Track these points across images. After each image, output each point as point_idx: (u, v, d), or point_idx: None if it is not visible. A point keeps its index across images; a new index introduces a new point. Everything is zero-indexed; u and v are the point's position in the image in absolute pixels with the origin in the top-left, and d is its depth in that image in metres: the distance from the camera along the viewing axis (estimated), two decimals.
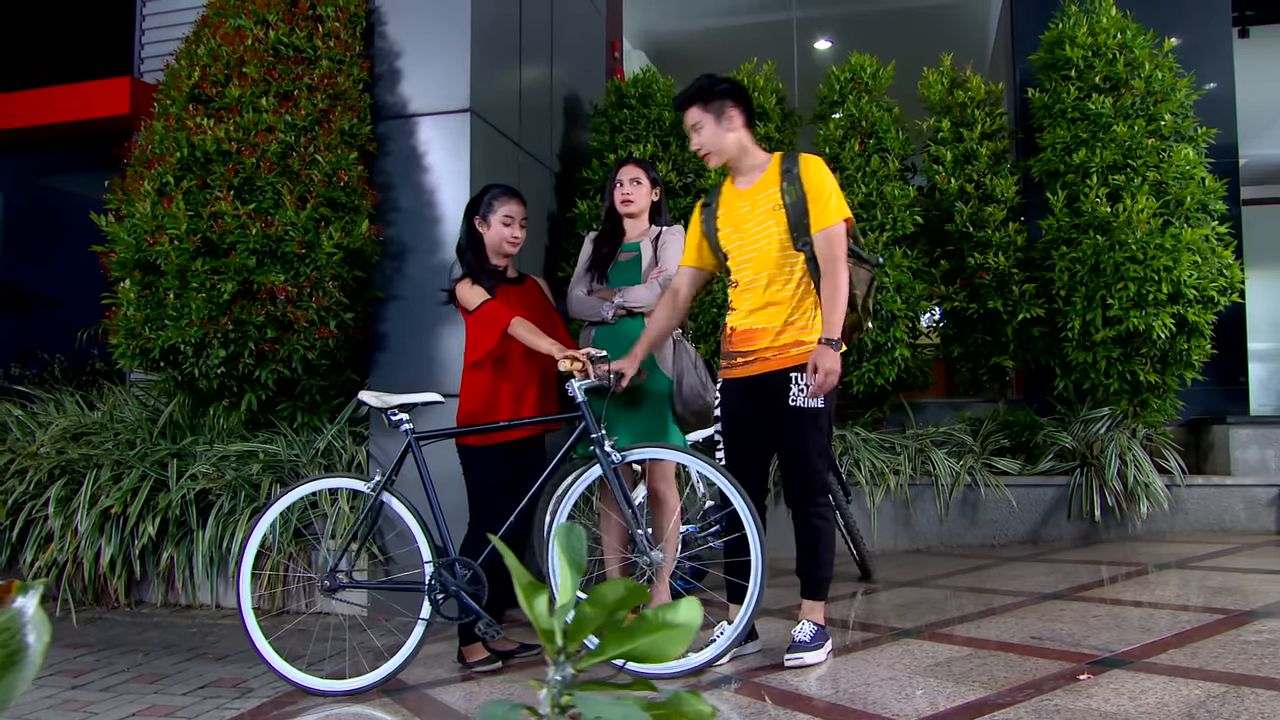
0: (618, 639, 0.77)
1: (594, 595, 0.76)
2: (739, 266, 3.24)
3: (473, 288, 3.44)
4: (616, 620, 0.77)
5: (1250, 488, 5.15)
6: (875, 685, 2.76)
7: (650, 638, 0.77)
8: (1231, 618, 3.31)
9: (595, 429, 3.13)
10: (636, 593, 0.76)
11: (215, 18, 4.47)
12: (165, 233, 3.95)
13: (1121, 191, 4.90)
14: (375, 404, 3.33)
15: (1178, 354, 4.99)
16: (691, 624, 0.77)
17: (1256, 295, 6.66)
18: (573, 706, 0.76)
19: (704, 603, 2.93)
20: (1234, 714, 2.30)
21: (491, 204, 3.54)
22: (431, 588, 3.17)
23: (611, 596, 0.75)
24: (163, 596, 4.58)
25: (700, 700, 0.77)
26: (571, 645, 0.77)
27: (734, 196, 3.26)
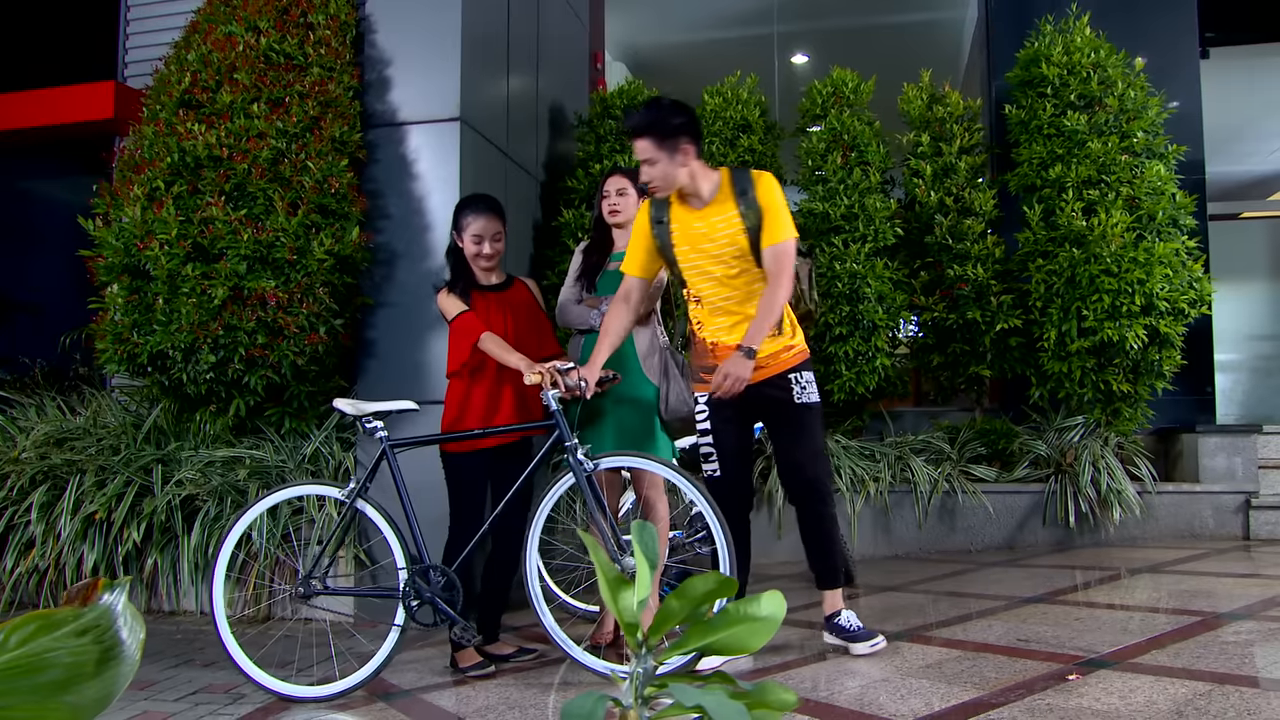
0: (701, 631, 0.80)
1: (681, 589, 0.79)
2: (703, 285, 3.27)
3: (450, 298, 3.47)
4: (700, 614, 0.80)
5: (1218, 495, 5.29)
6: (870, 687, 2.82)
7: (733, 630, 0.80)
8: (1207, 620, 3.41)
9: (568, 437, 3.15)
10: (725, 586, 0.79)
11: (206, 23, 4.48)
12: (155, 237, 3.94)
13: (1096, 206, 5.04)
14: (350, 411, 3.33)
15: (1149, 364, 5.13)
16: (776, 616, 0.80)
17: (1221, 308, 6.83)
18: (655, 698, 0.78)
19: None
20: (1221, 710, 2.38)
21: (460, 220, 3.55)
22: (405, 594, 3.17)
23: (699, 590, 0.78)
24: (146, 603, 4.55)
25: (783, 689, 0.80)
26: (654, 638, 0.80)
27: (688, 215, 3.26)
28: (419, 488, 3.41)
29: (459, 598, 3.18)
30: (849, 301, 5.09)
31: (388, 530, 3.23)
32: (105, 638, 0.70)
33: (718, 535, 3.01)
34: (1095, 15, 5.56)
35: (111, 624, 0.71)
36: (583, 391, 3.21)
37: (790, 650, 3.35)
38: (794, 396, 3.24)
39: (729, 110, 5.58)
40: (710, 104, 5.66)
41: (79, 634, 0.69)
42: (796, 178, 5.67)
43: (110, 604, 0.72)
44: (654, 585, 2.83)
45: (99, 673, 0.69)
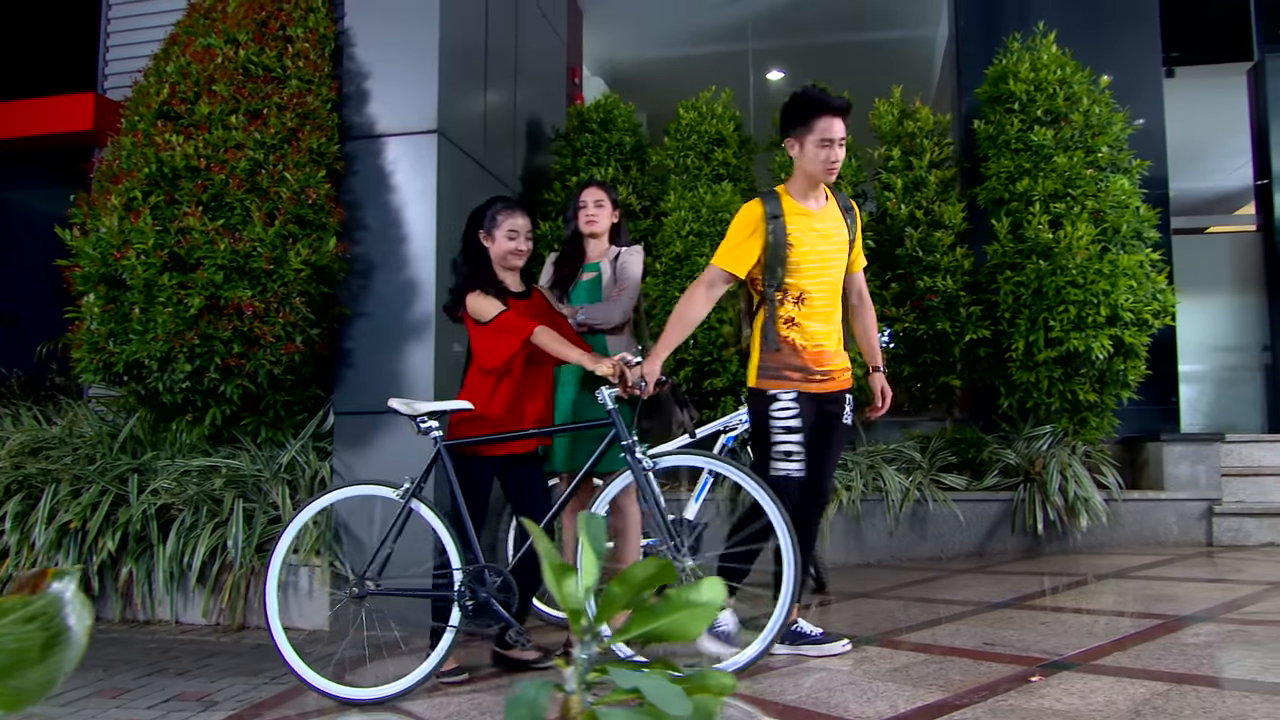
0: (644, 618, 0.82)
1: (623, 575, 0.83)
2: (812, 286, 3.31)
3: (484, 298, 3.39)
4: (643, 600, 0.84)
5: (1182, 502, 5.39)
6: (837, 690, 2.86)
7: (674, 616, 0.82)
8: (1169, 623, 3.49)
9: (626, 436, 3.14)
10: (665, 571, 0.83)
11: (185, 36, 4.52)
12: (132, 247, 3.97)
13: (1062, 219, 5.15)
14: (404, 411, 3.31)
15: (1115, 374, 5.23)
16: (714, 603, 0.84)
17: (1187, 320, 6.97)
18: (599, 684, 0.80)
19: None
20: (1178, 710, 2.44)
21: (495, 218, 3.52)
22: (461, 594, 3.15)
23: (640, 576, 0.81)
24: (121, 612, 4.54)
25: (723, 675, 0.83)
26: (599, 624, 0.83)
27: (806, 215, 3.31)
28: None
29: (515, 599, 3.16)
30: None
31: (443, 530, 3.21)
32: (52, 624, 0.71)
33: (784, 541, 3.00)
34: (1062, 34, 5.69)
35: (59, 611, 0.72)
36: (642, 390, 3.18)
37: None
38: (844, 416, 3.42)
39: (704, 124, 5.66)
40: (685, 118, 5.74)
41: (26, 620, 0.70)
42: None
43: (59, 592, 0.73)
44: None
45: (44, 658, 0.70)
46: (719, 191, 5.38)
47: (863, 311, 3.58)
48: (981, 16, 6.44)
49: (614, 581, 0.82)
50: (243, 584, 4.40)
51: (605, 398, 3.17)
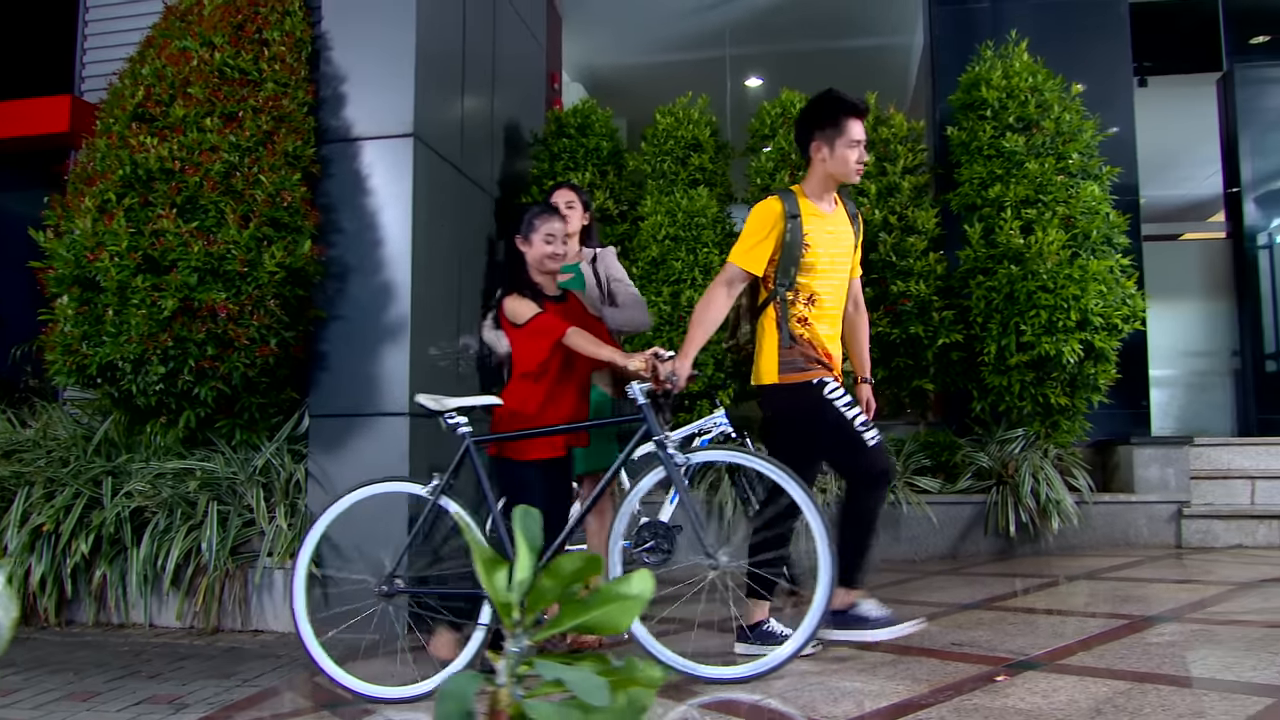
0: (574, 611, 0.84)
1: (552, 568, 0.84)
2: (824, 288, 3.34)
3: (520, 300, 3.41)
4: (572, 593, 0.85)
5: (1152, 504, 5.46)
6: (805, 690, 2.89)
7: (605, 609, 0.83)
8: (1134, 623, 3.54)
9: (658, 431, 3.14)
10: (592, 564, 0.85)
11: (161, 39, 4.52)
12: (106, 249, 3.96)
13: (1033, 224, 5.21)
14: (432, 406, 3.29)
15: (1086, 378, 5.29)
16: (644, 595, 0.85)
17: (1159, 325, 7.06)
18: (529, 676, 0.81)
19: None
20: (1138, 708, 2.48)
21: (532, 223, 3.50)
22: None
23: (568, 569, 0.83)
24: (94, 616, 4.52)
25: (651, 667, 0.84)
26: (529, 617, 0.85)
27: (819, 217, 3.34)
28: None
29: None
30: None
31: (475, 530, 3.20)
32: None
33: (818, 531, 3.00)
34: (1035, 44, 5.76)
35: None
36: (674, 384, 3.15)
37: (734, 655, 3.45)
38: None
39: (680, 130, 5.70)
40: (662, 123, 5.78)
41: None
42: (746, 196, 5.79)
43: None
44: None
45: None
46: (695, 196, 5.42)
47: (858, 320, 3.63)
48: (956, 25, 6.51)
49: (544, 575, 0.83)
50: (217, 587, 4.39)
51: (636, 393, 3.17)
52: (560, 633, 0.84)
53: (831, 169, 3.34)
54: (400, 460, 4.37)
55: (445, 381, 4.80)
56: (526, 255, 3.53)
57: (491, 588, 0.81)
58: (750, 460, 3.20)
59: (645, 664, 0.83)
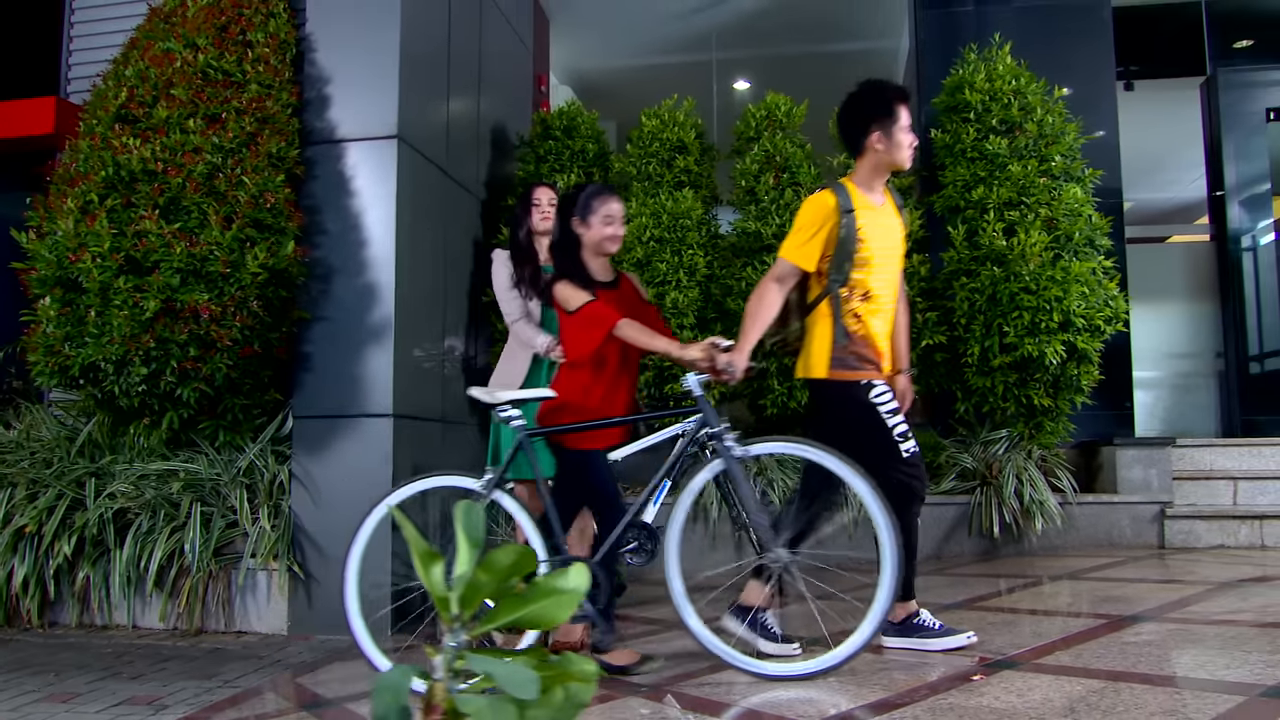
0: (511, 605, 0.84)
1: (487, 562, 0.85)
2: (878, 283, 3.31)
3: (572, 288, 3.31)
4: (509, 587, 0.85)
5: (1135, 505, 5.48)
6: (781, 689, 2.90)
7: (542, 603, 0.84)
8: (1113, 622, 3.55)
9: (715, 423, 3.09)
10: (526, 558, 0.85)
11: (144, 40, 4.53)
12: (88, 250, 3.96)
13: (1016, 226, 5.23)
14: (485, 399, 3.25)
15: (1069, 379, 5.31)
16: (579, 589, 0.86)
17: (1141, 327, 7.09)
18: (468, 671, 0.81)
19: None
20: (1110, 706, 2.49)
21: (590, 203, 3.41)
22: None
23: (503, 563, 0.84)
24: (78, 617, 4.53)
25: (585, 661, 0.84)
26: (467, 612, 0.85)
27: (872, 210, 3.32)
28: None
29: (603, 595, 3.08)
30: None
31: (526, 522, 3.17)
32: None
33: (884, 531, 2.96)
34: (1019, 47, 5.78)
35: None
36: (731, 375, 3.09)
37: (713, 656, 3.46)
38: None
39: (665, 132, 5.72)
40: (648, 125, 5.79)
41: None
42: (731, 198, 5.81)
43: None
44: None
45: None
46: (680, 198, 5.43)
47: (899, 312, 3.56)
48: (941, 29, 6.55)
49: (479, 569, 0.84)
50: (200, 588, 4.39)
51: (693, 384, 3.14)
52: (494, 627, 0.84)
53: (889, 157, 3.31)
54: (384, 462, 4.38)
55: (430, 382, 4.81)
56: (584, 237, 3.43)
57: (428, 582, 0.82)
58: (811, 451, 3.08)
59: (580, 659, 0.83)
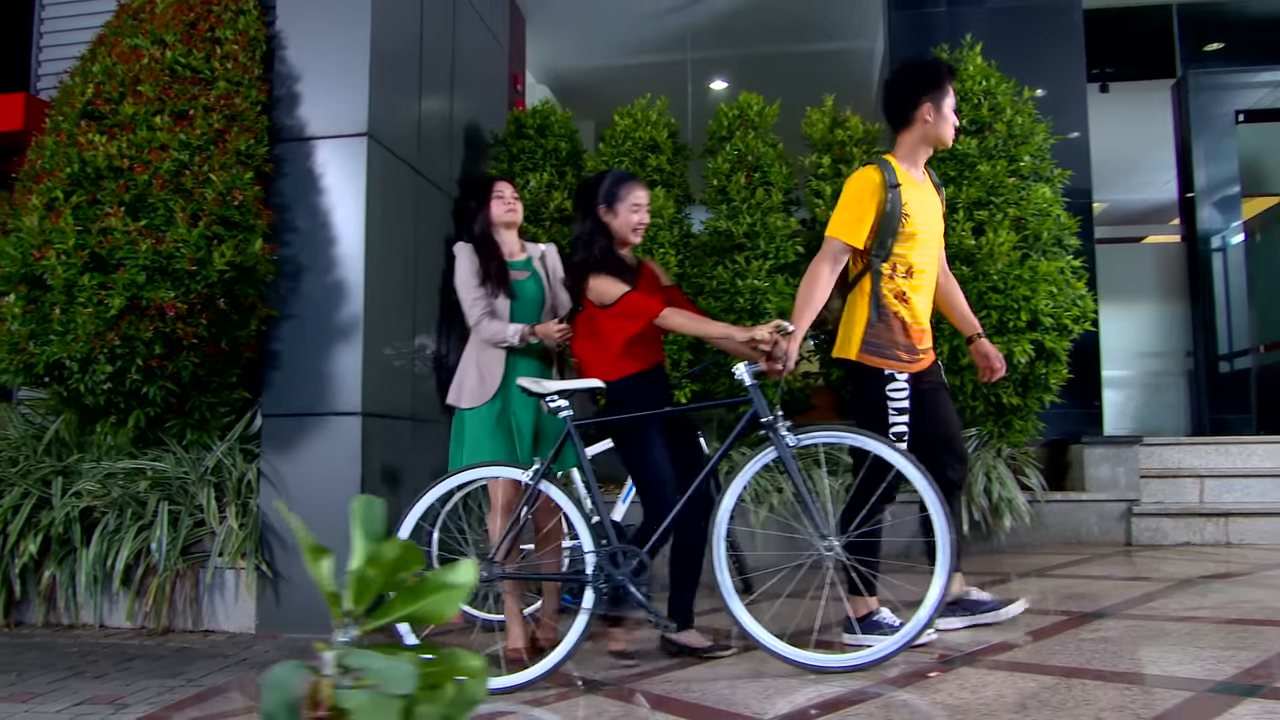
0: (404, 600, 0.84)
1: (372, 556, 0.85)
2: (922, 259, 3.32)
3: (608, 279, 3.29)
4: (400, 582, 0.86)
5: (1102, 503, 5.53)
6: (739, 688, 2.91)
7: (432, 598, 0.84)
8: (1074, 619, 3.59)
9: (766, 413, 3.06)
10: (412, 553, 0.85)
11: (112, 36, 4.50)
12: (53, 247, 3.94)
13: (985, 226, 5.27)
14: (534, 389, 3.23)
15: (1037, 378, 5.35)
16: (468, 584, 0.86)
17: (1113, 327, 7.16)
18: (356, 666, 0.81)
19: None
20: (1061, 702, 2.52)
21: (616, 191, 3.39)
22: (595, 577, 3.09)
23: (389, 556, 0.84)
24: (44, 616, 4.50)
25: (473, 656, 0.85)
26: (358, 607, 0.84)
27: (915, 185, 3.35)
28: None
29: (649, 583, 3.10)
30: (750, 317, 5.25)
31: (573, 511, 3.17)
32: None
33: (935, 513, 2.98)
34: (991, 49, 5.82)
35: None
36: (785, 364, 3.09)
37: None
38: (945, 381, 3.58)
39: (638, 131, 5.73)
40: (620, 125, 5.80)
41: None
42: (704, 197, 5.83)
43: None
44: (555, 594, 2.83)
45: None
46: (652, 197, 5.44)
47: (949, 285, 3.65)
48: (914, 30, 6.59)
49: (366, 563, 0.84)
50: (168, 587, 4.37)
51: (744, 374, 3.11)
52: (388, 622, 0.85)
53: (935, 130, 3.38)
54: (352, 460, 4.37)
55: (400, 381, 4.81)
56: (612, 225, 3.40)
57: (318, 577, 0.82)
58: (862, 439, 3.08)
59: (468, 654, 0.83)
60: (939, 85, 3.38)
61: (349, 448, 4.39)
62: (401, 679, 0.74)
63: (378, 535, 0.87)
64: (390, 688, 0.74)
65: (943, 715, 2.50)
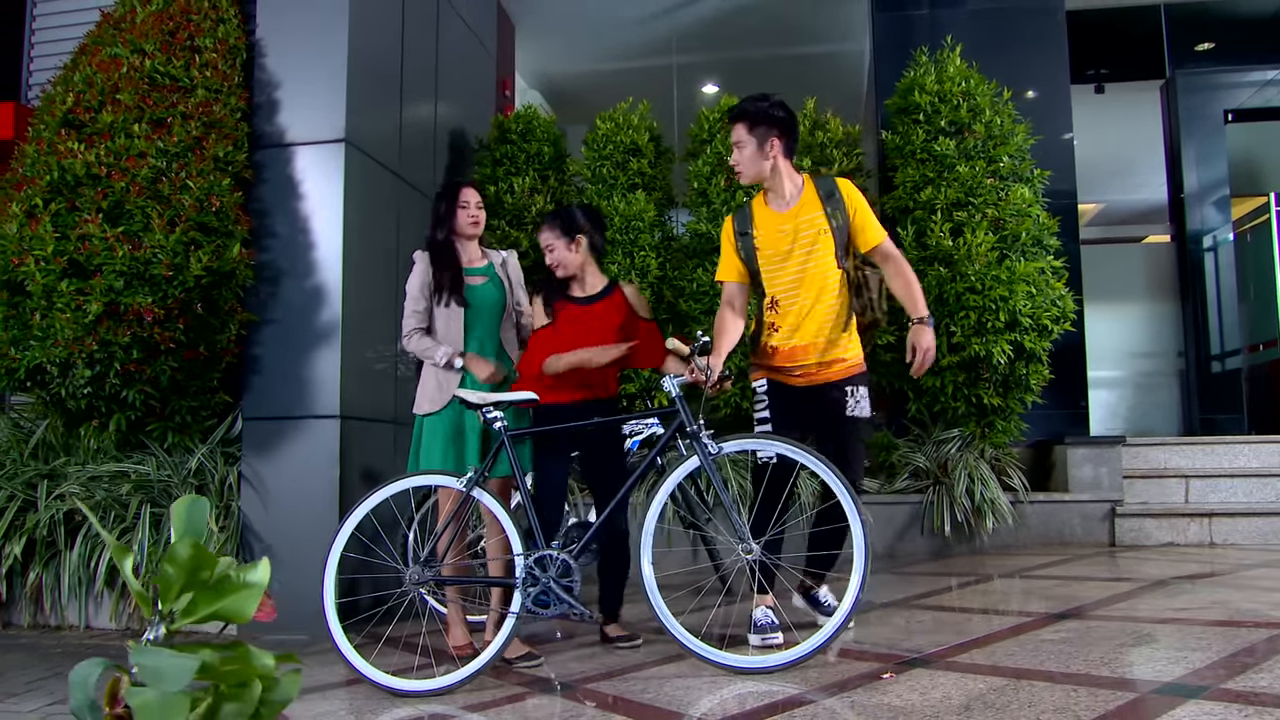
0: (208, 599, 0.88)
1: (169, 556, 0.88)
2: (779, 287, 3.42)
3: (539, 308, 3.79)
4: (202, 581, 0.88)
5: (1085, 503, 5.52)
6: (691, 689, 2.93)
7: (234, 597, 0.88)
8: (1038, 619, 3.58)
9: (691, 423, 3.18)
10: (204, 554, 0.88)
11: (93, 45, 4.58)
12: (31, 254, 4.01)
13: (964, 227, 5.28)
14: (473, 400, 3.36)
15: (1018, 379, 5.36)
16: (262, 582, 0.89)
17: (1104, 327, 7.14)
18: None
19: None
20: (1005, 704, 2.51)
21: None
22: (524, 580, 3.18)
23: (183, 556, 0.87)
24: (31, 618, 4.56)
25: (265, 655, 0.87)
26: (165, 605, 0.87)
27: (772, 219, 3.44)
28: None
29: (576, 584, 3.20)
30: None
31: (504, 518, 3.24)
32: None
33: (856, 524, 3.04)
34: (975, 51, 5.83)
35: None
36: (708, 377, 3.24)
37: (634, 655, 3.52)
38: (847, 409, 3.45)
39: (620, 135, 5.76)
40: (602, 129, 5.84)
41: None
42: (685, 200, 5.85)
43: None
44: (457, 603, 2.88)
45: None
46: (633, 200, 5.48)
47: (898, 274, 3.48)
48: (897, 32, 6.60)
49: (164, 562, 0.87)
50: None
51: (670, 385, 3.25)
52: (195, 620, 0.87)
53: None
54: (330, 463, 4.42)
55: (381, 384, 4.85)
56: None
57: (124, 575, 0.85)
58: (784, 448, 3.18)
59: (259, 653, 0.85)
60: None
61: (328, 450, 4.44)
62: (175, 676, 0.77)
63: (200, 534, 0.90)
64: (163, 685, 0.76)
65: (885, 716, 2.52)
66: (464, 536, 3.76)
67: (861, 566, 3.06)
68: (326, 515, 4.32)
